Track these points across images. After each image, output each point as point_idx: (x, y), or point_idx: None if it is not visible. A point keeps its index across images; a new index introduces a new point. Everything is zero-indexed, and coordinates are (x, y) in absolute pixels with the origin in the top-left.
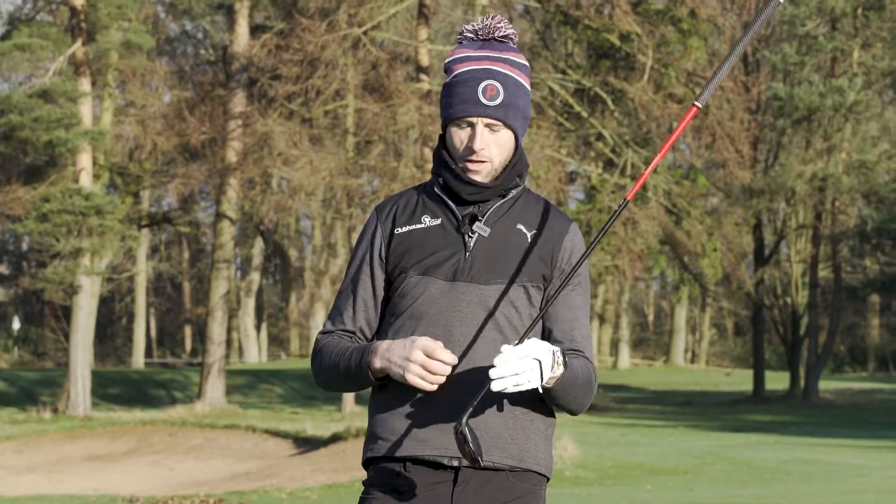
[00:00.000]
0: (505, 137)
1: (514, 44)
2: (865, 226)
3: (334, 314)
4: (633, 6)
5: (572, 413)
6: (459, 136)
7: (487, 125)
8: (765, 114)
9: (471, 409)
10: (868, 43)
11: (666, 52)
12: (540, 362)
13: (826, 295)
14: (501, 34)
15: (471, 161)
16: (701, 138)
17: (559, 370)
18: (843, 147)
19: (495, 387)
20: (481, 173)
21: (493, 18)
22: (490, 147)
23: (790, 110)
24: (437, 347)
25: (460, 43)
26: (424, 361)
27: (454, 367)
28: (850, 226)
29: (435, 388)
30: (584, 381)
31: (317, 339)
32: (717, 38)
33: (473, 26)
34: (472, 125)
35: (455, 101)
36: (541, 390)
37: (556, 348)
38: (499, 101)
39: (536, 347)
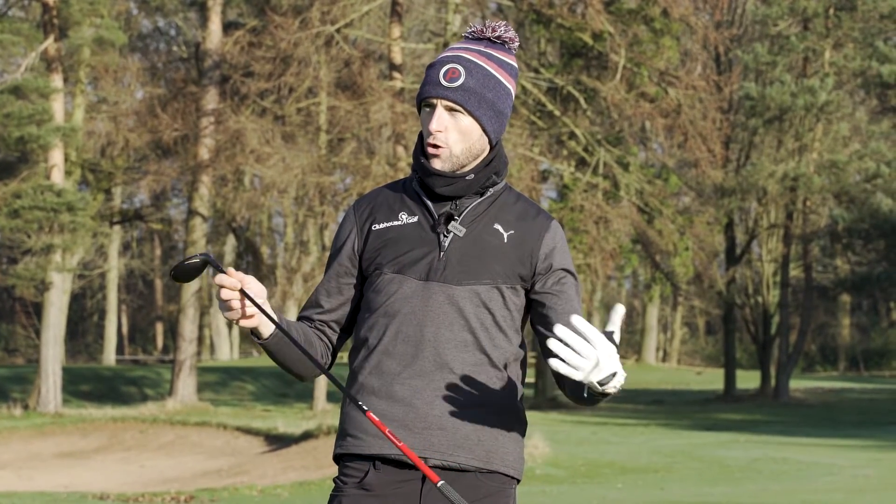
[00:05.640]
0: (465, 124)
1: (509, 47)
2: (836, 225)
3: (305, 304)
4: (606, 5)
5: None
6: (426, 121)
7: (447, 108)
8: (737, 113)
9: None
10: (840, 43)
11: (638, 51)
12: (598, 364)
13: (797, 294)
14: (496, 35)
15: (430, 145)
16: (673, 137)
17: (610, 390)
18: (815, 147)
19: (552, 345)
20: (440, 158)
21: (495, 22)
22: (449, 132)
23: (762, 110)
24: (224, 276)
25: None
26: (218, 293)
27: (243, 292)
28: (821, 225)
29: (232, 315)
30: None
31: None
32: (690, 37)
33: (475, 26)
34: (433, 107)
35: (421, 85)
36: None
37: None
38: (458, 83)
39: (607, 352)
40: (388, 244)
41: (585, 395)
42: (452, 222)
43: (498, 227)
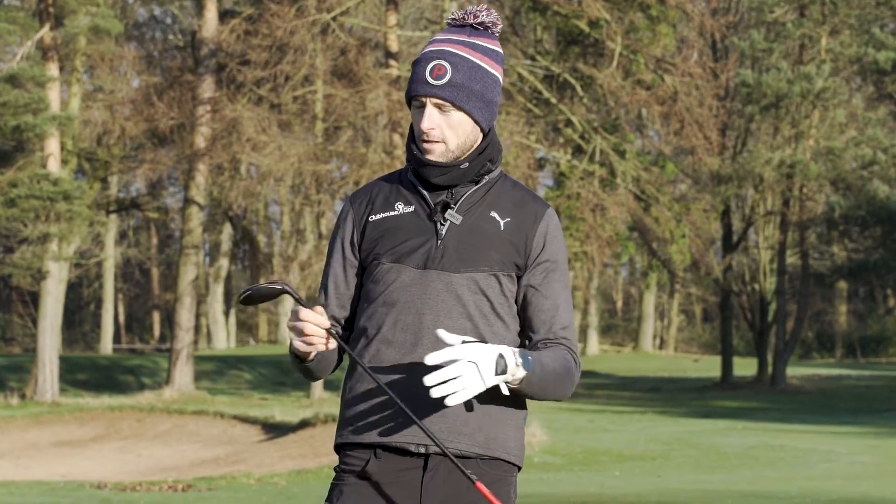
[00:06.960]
0: (457, 119)
1: (492, 32)
2: (833, 212)
3: (314, 303)
4: None
5: (556, 400)
6: (417, 118)
7: (436, 105)
8: (733, 100)
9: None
10: (836, 30)
11: (635, 38)
12: (477, 365)
13: (794, 281)
14: (478, 21)
15: (424, 142)
16: (670, 125)
17: (519, 372)
18: (811, 134)
19: (434, 393)
20: (435, 153)
21: (476, 7)
22: (442, 128)
23: (758, 97)
24: (310, 312)
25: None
26: (297, 325)
27: (329, 331)
28: (818, 212)
29: (312, 349)
30: (560, 373)
31: None
32: (686, 24)
33: (456, 13)
34: (423, 105)
35: (409, 82)
36: (505, 391)
37: (512, 350)
38: (445, 80)
39: (472, 351)
40: (386, 234)
41: (509, 392)
42: (449, 210)
43: (494, 214)
